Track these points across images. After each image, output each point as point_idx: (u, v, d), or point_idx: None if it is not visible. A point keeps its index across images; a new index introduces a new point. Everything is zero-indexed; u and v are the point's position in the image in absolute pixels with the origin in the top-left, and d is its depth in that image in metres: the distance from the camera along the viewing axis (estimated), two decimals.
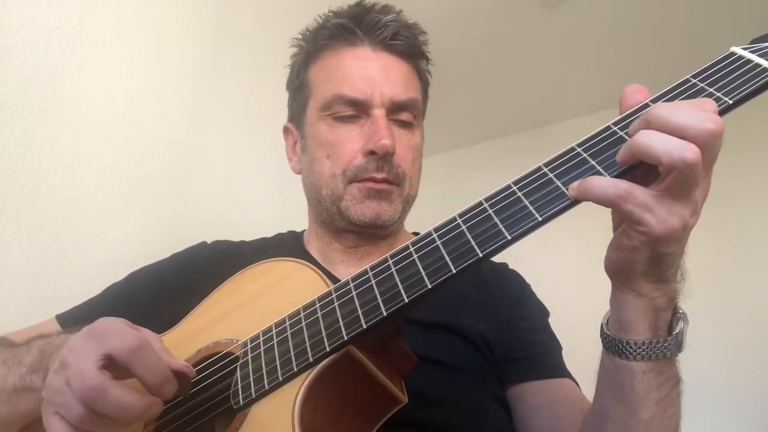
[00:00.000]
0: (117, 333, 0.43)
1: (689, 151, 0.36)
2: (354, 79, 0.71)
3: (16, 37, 0.81)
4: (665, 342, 0.44)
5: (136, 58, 1.04)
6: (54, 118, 0.85)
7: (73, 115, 0.89)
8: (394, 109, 0.72)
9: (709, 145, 0.37)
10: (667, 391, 0.46)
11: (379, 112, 0.70)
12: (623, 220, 0.41)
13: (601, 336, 0.48)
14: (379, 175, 0.69)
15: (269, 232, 0.88)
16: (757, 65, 0.40)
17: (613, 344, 0.46)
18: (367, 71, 0.71)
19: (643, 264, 0.42)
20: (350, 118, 0.71)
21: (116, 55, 0.99)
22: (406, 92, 0.73)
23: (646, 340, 0.44)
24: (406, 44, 0.74)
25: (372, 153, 0.69)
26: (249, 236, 0.86)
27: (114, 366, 0.42)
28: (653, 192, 0.39)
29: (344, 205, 0.71)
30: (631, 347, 0.44)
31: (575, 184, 0.41)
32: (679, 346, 0.45)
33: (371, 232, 0.74)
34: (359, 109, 0.71)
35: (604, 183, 0.40)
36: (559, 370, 0.69)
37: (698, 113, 0.37)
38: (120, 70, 1.00)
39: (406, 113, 0.73)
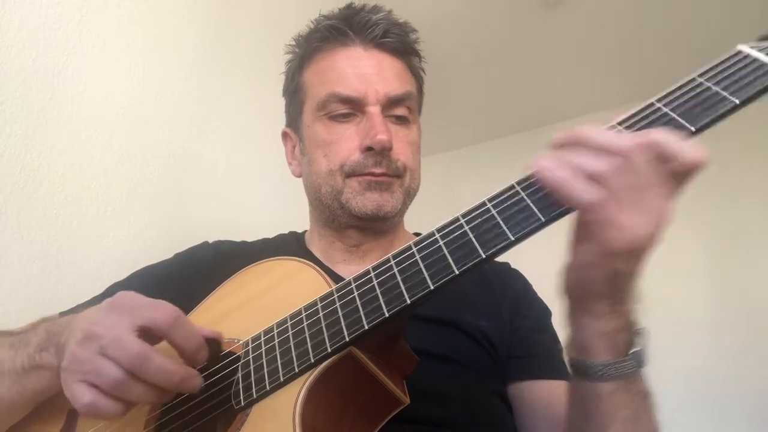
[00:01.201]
0: (151, 306, 0.45)
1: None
2: (348, 78, 0.71)
3: (16, 37, 0.80)
4: (625, 362, 0.44)
5: (136, 58, 1.03)
6: (54, 118, 0.85)
7: (73, 115, 0.89)
8: (390, 104, 0.72)
9: (636, 161, 0.38)
10: (635, 407, 0.45)
11: (374, 109, 0.70)
12: (583, 232, 0.41)
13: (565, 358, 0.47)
14: (378, 170, 0.70)
15: (269, 233, 0.88)
16: (765, 64, 0.40)
17: (576, 366, 0.46)
18: (361, 70, 0.72)
19: (600, 283, 0.42)
20: (345, 117, 0.72)
21: (116, 55, 0.99)
22: (401, 87, 0.73)
23: (607, 361, 0.44)
24: (397, 41, 0.75)
25: (369, 149, 0.69)
26: (249, 236, 0.86)
27: (146, 337, 0.43)
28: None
29: (345, 198, 0.71)
30: (592, 369, 0.44)
31: (547, 167, 0.41)
32: (640, 364, 0.44)
33: (373, 226, 0.75)
34: (354, 107, 0.71)
35: (580, 186, 0.39)
36: (559, 372, 0.69)
37: (627, 135, 0.39)
38: (120, 70, 1.00)
39: (401, 108, 0.74)
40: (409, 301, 0.43)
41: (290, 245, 0.83)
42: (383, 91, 0.71)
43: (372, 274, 0.47)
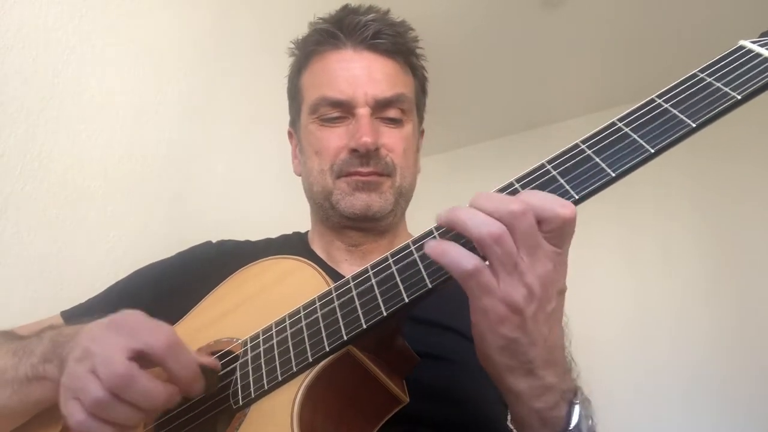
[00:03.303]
0: (149, 329, 0.44)
1: (491, 226, 0.38)
2: (337, 81, 0.72)
3: (16, 37, 0.80)
4: None
5: (136, 58, 1.03)
6: (54, 118, 0.85)
7: (73, 115, 0.89)
8: (380, 106, 0.72)
9: (514, 225, 0.38)
10: None
11: (362, 111, 0.71)
12: (471, 304, 0.41)
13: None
14: (365, 170, 0.70)
15: (269, 233, 0.87)
16: (767, 59, 0.40)
17: None
18: (350, 72, 0.72)
19: (497, 353, 0.41)
20: (337, 120, 0.72)
21: (116, 55, 0.99)
22: (391, 89, 0.73)
23: None
24: (390, 42, 0.74)
25: (354, 151, 0.70)
26: (249, 236, 0.86)
27: (142, 359, 0.43)
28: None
29: (335, 199, 0.72)
30: None
31: (433, 243, 0.41)
32: None
33: (368, 227, 0.75)
34: (344, 110, 0.72)
35: (460, 254, 0.40)
36: None
37: (506, 199, 0.39)
38: (120, 70, 1.00)
39: (393, 110, 0.74)
40: (407, 300, 0.43)
41: (294, 245, 0.83)
42: (372, 93, 0.71)
43: (370, 273, 0.47)
